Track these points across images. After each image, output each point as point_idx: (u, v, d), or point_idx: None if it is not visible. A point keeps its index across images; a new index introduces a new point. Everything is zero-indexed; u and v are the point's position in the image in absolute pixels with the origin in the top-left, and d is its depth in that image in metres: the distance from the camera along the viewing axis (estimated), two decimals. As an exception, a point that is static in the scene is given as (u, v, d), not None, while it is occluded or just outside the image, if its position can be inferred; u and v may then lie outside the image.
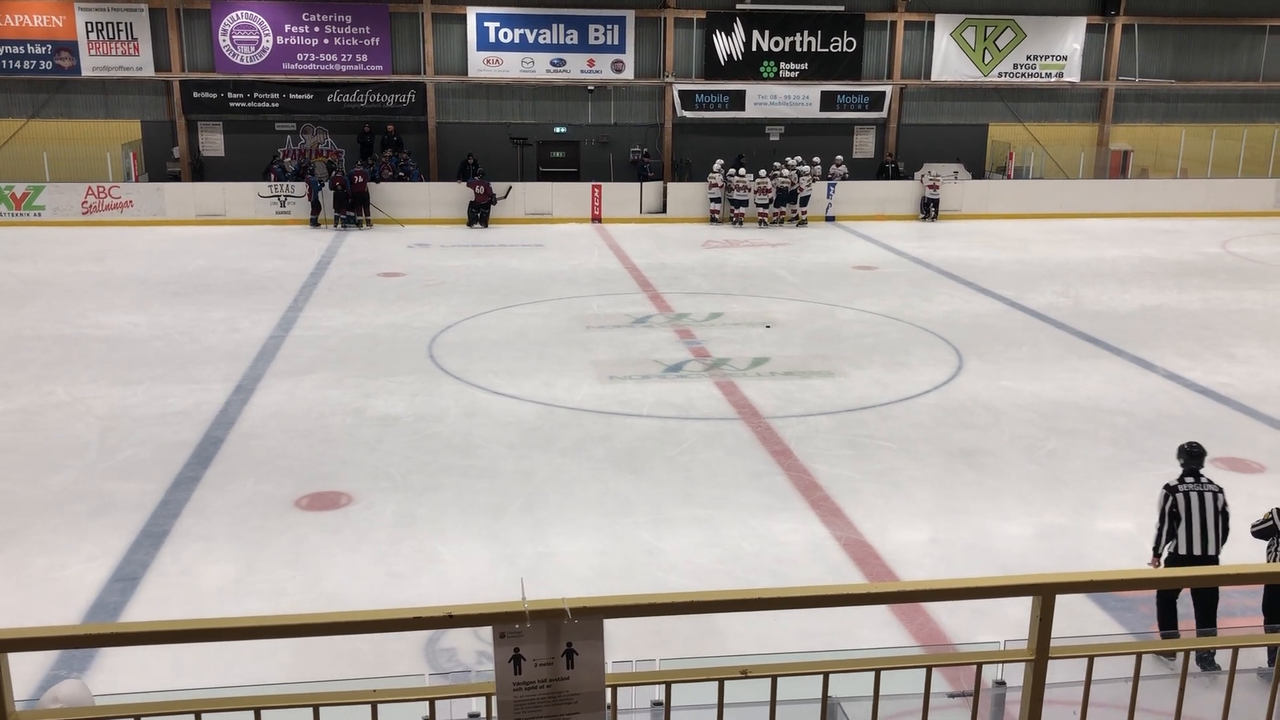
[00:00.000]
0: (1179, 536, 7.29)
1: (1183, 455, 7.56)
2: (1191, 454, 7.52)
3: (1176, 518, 7.31)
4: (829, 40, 29.21)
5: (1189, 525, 7.26)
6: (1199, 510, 7.25)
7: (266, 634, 2.50)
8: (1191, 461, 7.49)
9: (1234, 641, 3.12)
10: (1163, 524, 7.38)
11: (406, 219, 26.09)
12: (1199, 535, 7.24)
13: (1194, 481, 7.39)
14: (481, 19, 27.90)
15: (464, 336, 15.74)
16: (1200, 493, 7.31)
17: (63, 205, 25.32)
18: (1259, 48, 31.29)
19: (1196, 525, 7.25)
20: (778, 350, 15.10)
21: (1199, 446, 7.60)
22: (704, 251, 23.21)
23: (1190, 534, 7.25)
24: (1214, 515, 7.27)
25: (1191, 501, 7.29)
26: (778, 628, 7.37)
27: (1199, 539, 7.23)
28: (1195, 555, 7.24)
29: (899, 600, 3.12)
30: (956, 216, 27.98)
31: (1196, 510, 7.26)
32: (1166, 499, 7.38)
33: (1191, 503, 7.28)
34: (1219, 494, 7.35)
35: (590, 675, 2.51)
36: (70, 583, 8.35)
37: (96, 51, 26.75)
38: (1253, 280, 20.53)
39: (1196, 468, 7.47)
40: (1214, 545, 7.24)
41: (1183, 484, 7.40)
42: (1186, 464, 7.49)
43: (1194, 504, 7.28)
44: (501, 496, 9.98)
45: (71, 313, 16.89)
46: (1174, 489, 7.39)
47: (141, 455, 10.97)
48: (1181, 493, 7.34)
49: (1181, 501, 7.31)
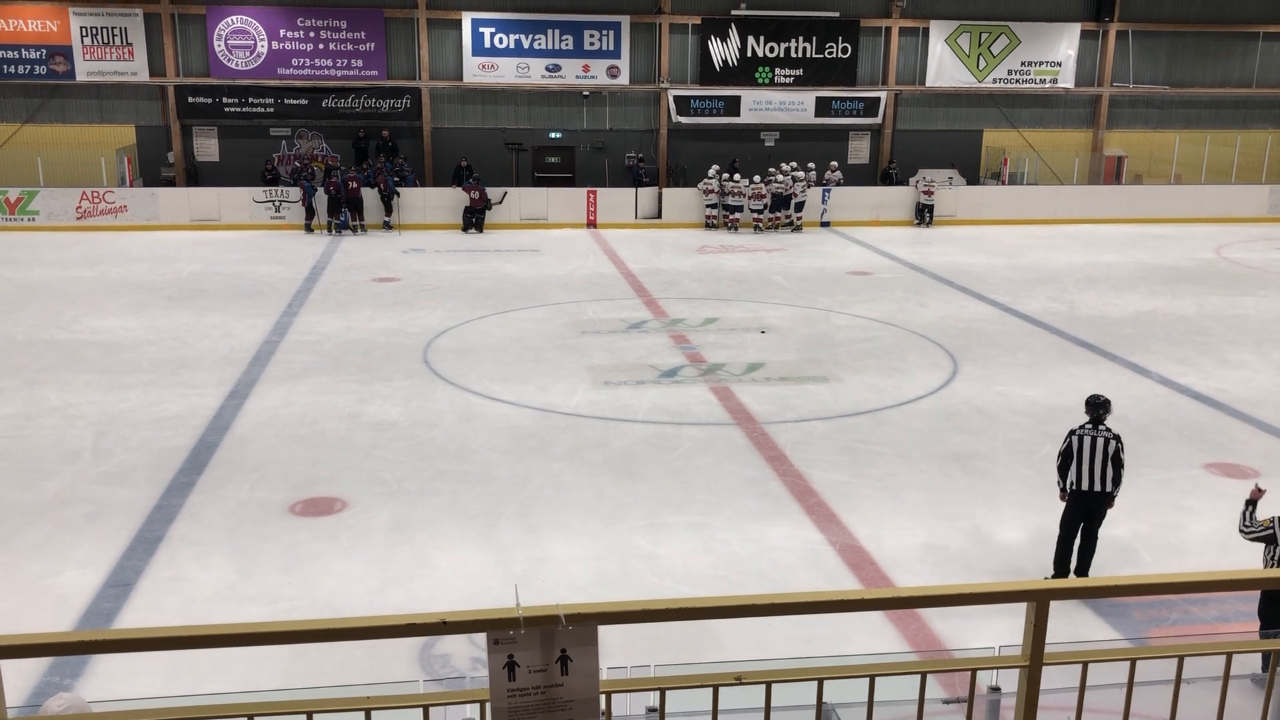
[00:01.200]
0: (1073, 474, 8.35)
1: (1088, 406, 8.54)
2: (1095, 404, 8.50)
3: (1070, 456, 8.39)
4: (824, 46, 29.27)
5: (1079, 464, 8.33)
6: (1090, 451, 8.30)
7: (260, 640, 2.50)
8: (1094, 411, 8.47)
9: (1228, 647, 3.12)
10: (1060, 461, 8.48)
11: (406, 224, 26.11)
12: (1088, 473, 8.31)
13: (1092, 428, 8.40)
14: (477, 24, 27.93)
15: (459, 342, 15.73)
16: (1094, 437, 8.34)
17: (57, 210, 25.30)
18: (1252, 54, 31.40)
19: (1087, 464, 8.30)
20: (773, 355, 15.11)
21: (1102, 398, 8.58)
22: (699, 257, 23.23)
23: (1081, 471, 8.32)
24: (1103, 457, 8.28)
25: (1084, 444, 8.34)
26: (773, 633, 7.37)
27: (1088, 476, 8.31)
28: (1085, 490, 8.31)
29: (893, 606, 3.12)
30: (951, 222, 28.03)
31: (1088, 451, 8.31)
32: (1066, 440, 8.47)
33: (1084, 445, 8.34)
34: (1111, 440, 8.34)
35: (585, 682, 2.50)
36: (63, 589, 8.32)
37: (91, 56, 26.73)
38: (1246, 286, 20.58)
39: (1098, 417, 8.45)
40: (1101, 483, 8.30)
41: (1082, 429, 8.43)
42: (1090, 413, 8.48)
43: (1087, 446, 8.33)
44: (496, 502, 9.97)
45: (65, 318, 16.86)
46: (1074, 432, 8.47)
47: (135, 461, 10.95)
48: (1078, 435, 8.40)
49: (1076, 443, 8.38)
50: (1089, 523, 8.47)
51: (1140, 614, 8.01)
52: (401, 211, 26.20)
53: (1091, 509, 8.42)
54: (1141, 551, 9.23)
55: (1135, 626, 7.84)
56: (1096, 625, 7.76)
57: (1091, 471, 8.30)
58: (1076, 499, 8.39)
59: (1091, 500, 8.37)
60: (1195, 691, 3.28)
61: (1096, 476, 8.30)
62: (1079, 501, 8.38)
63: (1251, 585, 3.36)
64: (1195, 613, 8.07)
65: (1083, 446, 8.34)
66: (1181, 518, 9.92)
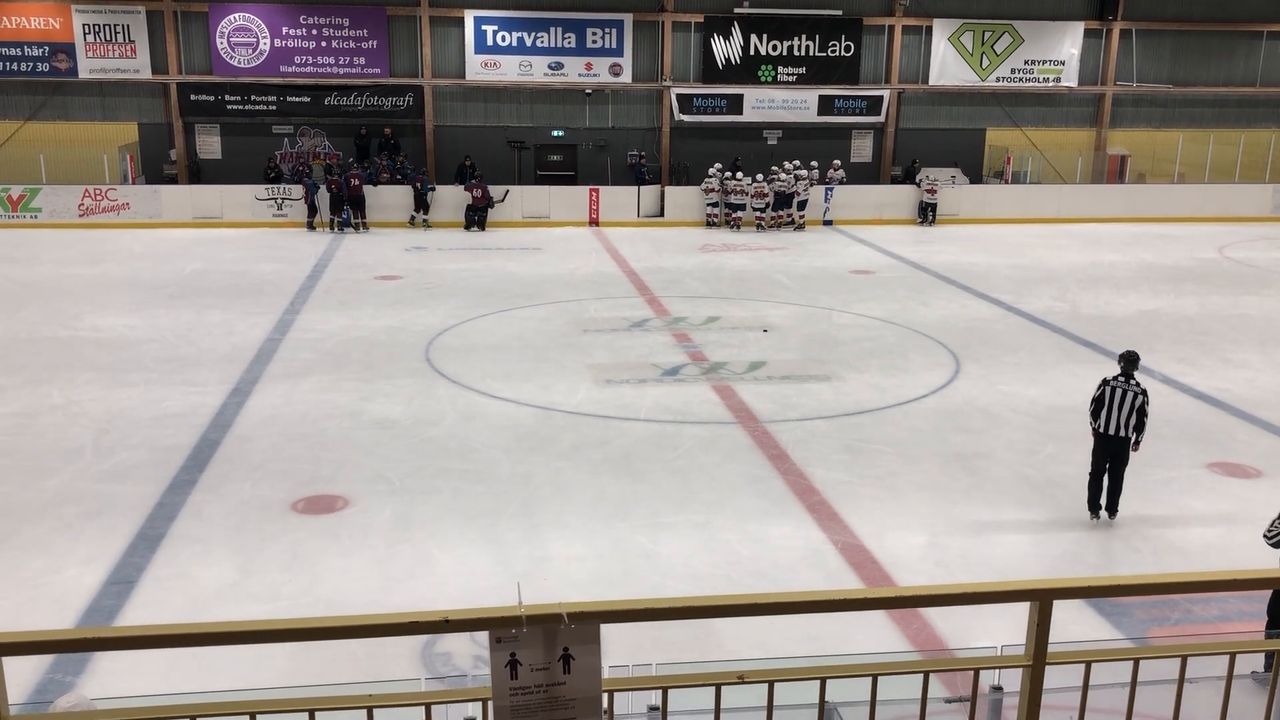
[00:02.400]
0: (1101, 418, 9.41)
1: (1121, 360, 9.60)
2: (1128, 359, 9.54)
3: (1101, 402, 9.44)
4: (827, 44, 29.24)
5: (1109, 410, 9.38)
6: (1118, 401, 9.33)
7: (262, 638, 2.50)
8: (1126, 365, 9.49)
9: (1231, 647, 3.11)
10: (1093, 406, 9.52)
11: (406, 222, 26.14)
12: (1112, 420, 9.37)
13: (1124, 380, 9.42)
14: (479, 22, 27.92)
15: (461, 340, 15.73)
16: (1124, 389, 9.37)
17: (59, 207, 25.31)
18: (1256, 53, 31.36)
19: (1114, 412, 9.34)
20: (775, 354, 15.10)
21: (1134, 354, 9.60)
22: (701, 255, 23.22)
23: (1108, 418, 9.39)
24: (1129, 408, 9.33)
25: (1115, 393, 9.37)
26: (775, 632, 7.36)
27: (1113, 422, 9.36)
28: (1111, 434, 9.39)
29: (895, 605, 3.12)
30: (954, 221, 28.01)
31: (1117, 401, 9.34)
32: (1100, 388, 9.51)
33: (1114, 395, 9.37)
34: (1139, 395, 9.35)
35: (587, 680, 2.50)
36: (65, 586, 8.33)
37: (94, 54, 26.75)
38: (1249, 285, 20.56)
39: (1129, 370, 9.45)
40: (1124, 428, 9.35)
41: (1115, 380, 9.47)
42: (1124, 367, 9.49)
43: (1115, 396, 9.36)
44: (498, 500, 9.97)
45: (67, 315, 16.87)
46: (1106, 381, 9.52)
47: (137, 458, 10.95)
48: (1110, 386, 9.44)
49: (1108, 393, 9.42)
50: (1114, 464, 9.47)
51: (1143, 613, 8.00)
52: (404, 210, 26.21)
53: (1116, 451, 9.44)
54: (1144, 551, 9.22)
55: (1138, 626, 7.83)
56: (1099, 625, 7.75)
57: (1118, 418, 9.34)
58: (1103, 441, 9.46)
59: (1116, 443, 9.41)
60: (1198, 691, 3.28)
61: (1121, 422, 9.34)
62: (1105, 443, 9.46)
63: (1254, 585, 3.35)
64: (1197, 612, 8.06)
65: (1113, 395, 9.37)
66: (1184, 517, 9.91)
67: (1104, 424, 9.41)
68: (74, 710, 4.00)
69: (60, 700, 4.09)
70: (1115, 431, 9.38)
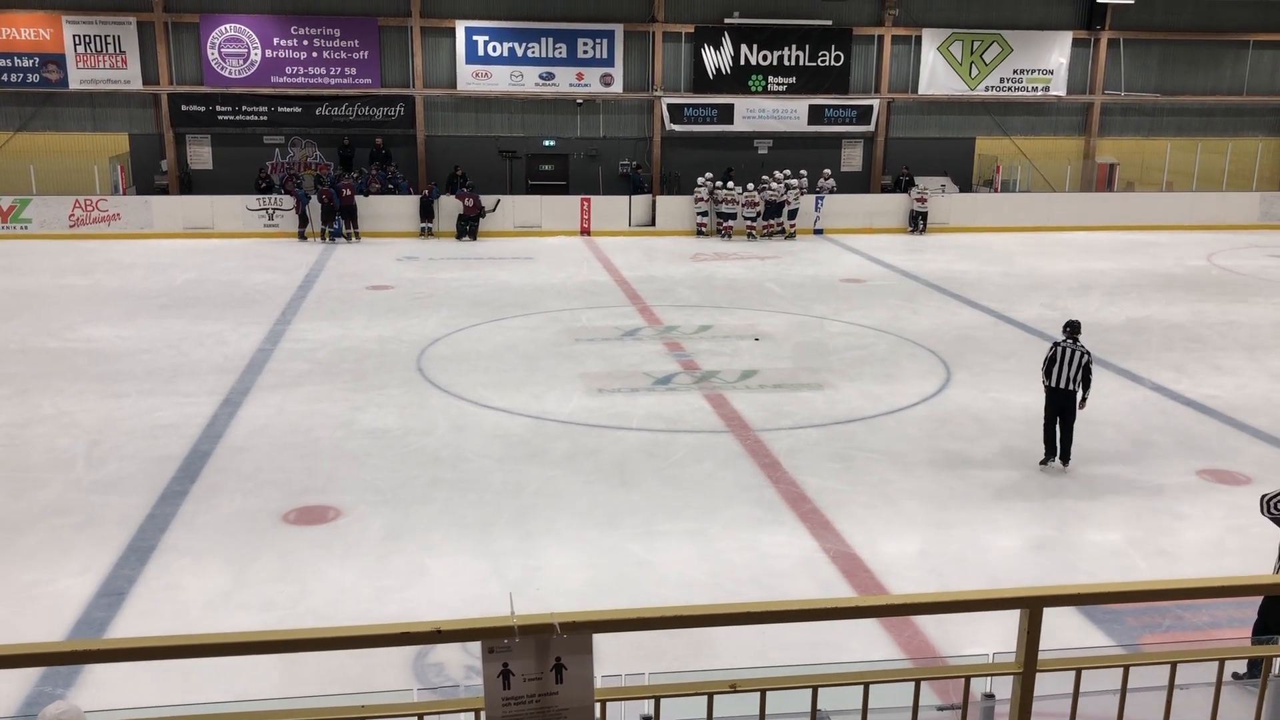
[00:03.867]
0: (1053, 375, 11.01)
1: (1067, 327, 11.24)
2: (1073, 326, 11.24)
3: (1052, 361, 11.05)
4: (817, 54, 29.34)
5: (1058, 367, 10.97)
6: (1067, 360, 10.94)
7: (253, 650, 2.50)
8: (1073, 331, 11.17)
9: (1220, 654, 3.13)
10: (1045, 366, 11.13)
11: (400, 231, 26.13)
12: (1062, 375, 10.95)
13: (1071, 342, 11.03)
14: (470, 32, 27.96)
15: (453, 349, 15.72)
16: (1071, 349, 10.96)
17: (50, 218, 25.26)
18: (1243, 62, 31.54)
19: (1064, 369, 10.95)
20: (767, 363, 15.12)
21: (1077, 321, 11.36)
22: (693, 264, 23.26)
23: (1058, 374, 10.97)
24: (1076, 365, 10.92)
25: (1064, 353, 10.97)
26: (768, 640, 7.36)
27: (1062, 378, 10.96)
28: (1060, 388, 10.98)
29: (887, 614, 3.13)
30: (944, 229, 28.10)
31: (1065, 359, 10.95)
32: (1050, 349, 11.15)
33: (1064, 354, 10.97)
34: (1085, 354, 10.97)
35: (579, 690, 2.50)
36: (56, 598, 8.30)
37: (84, 64, 26.72)
38: (1238, 293, 20.65)
39: (1075, 335, 11.12)
40: (1070, 383, 10.95)
41: (1063, 342, 11.08)
42: (1069, 333, 11.16)
43: (1065, 355, 10.96)
44: (491, 510, 9.96)
45: (58, 326, 16.83)
46: (1056, 344, 11.13)
47: (128, 469, 10.93)
48: (1060, 347, 11.04)
49: (1059, 353, 11.01)
50: (1064, 418, 11.05)
51: (1134, 620, 8.02)
52: (396, 220, 26.22)
53: (1063, 405, 11.02)
54: (1135, 557, 9.25)
55: (1129, 633, 7.85)
56: (1092, 631, 7.76)
57: (1065, 374, 10.95)
58: (1053, 395, 11.06)
59: (1064, 397, 11.00)
60: (1189, 698, 3.29)
61: (1070, 377, 10.96)
62: (1055, 397, 11.05)
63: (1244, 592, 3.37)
64: (1188, 619, 8.09)
65: (1063, 355, 10.97)
66: (1175, 524, 9.94)
67: (1055, 380, 10.98)
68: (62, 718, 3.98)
69: (49, 709, 4.06)
70: (1065, 386, 10.94)
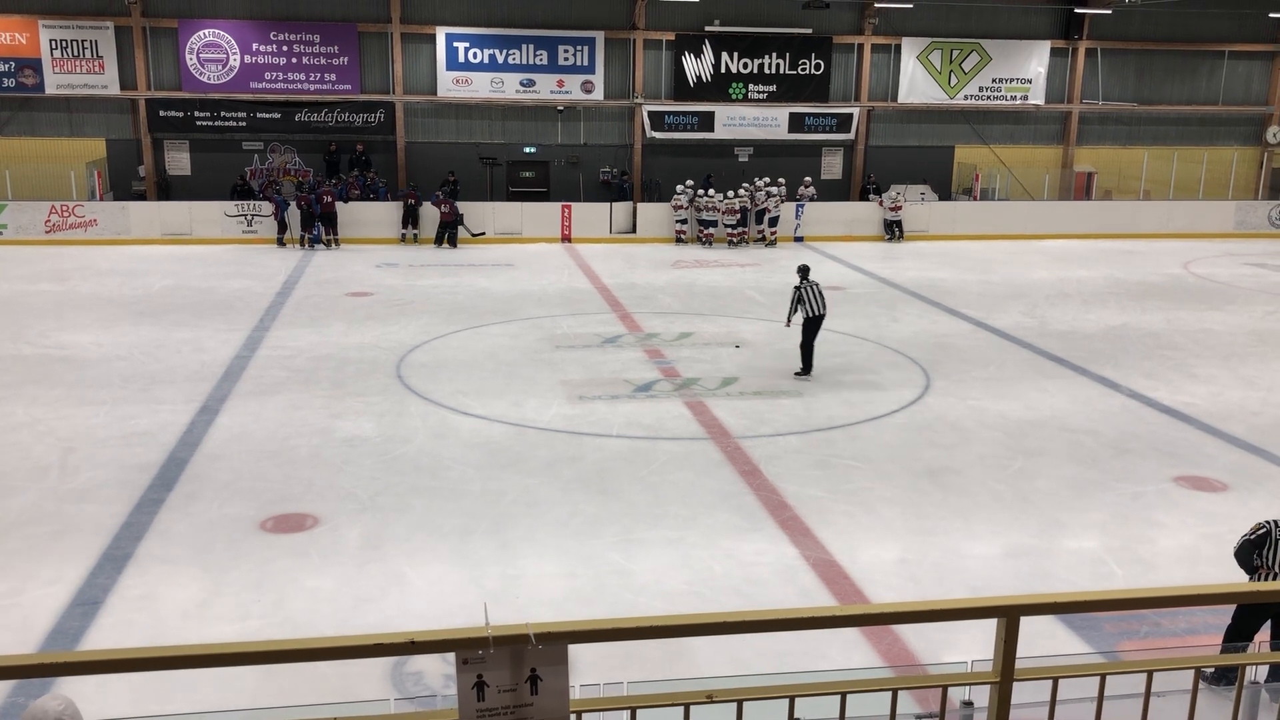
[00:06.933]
0: (806, 308, 14.36)
1: (800, 272, 14.74)
2: (803, 269, 14.81)
3: (802, 300, 14.36)
4: (797, 62, 29.46)
5: (809, 302, 14.37)
6: (813, 293, 14.40)
7: (229, 661, 2.48)
8: (803, 272, 14.72)
9: (1196, 661, 3.15)
10: (792, 305, 14.48)
11: (379, 238, 26.05)
12: (815, 305, 14.35)
13: (808, 282, 14.50)
14: (451, 39, 27.94)
15: (433, 356, 15.68)
16: (812, 285, 14.48)
17: (25, 224, 25.06)
18: (1218, 72, 31.86)
19: (812, 301, 14.36)
20: (747, 370, 15.14)
21: (806, 266, 14.90)
22: (673, 271, 23.28)
23: (810, 306, 14.33)
24: (819, 296, 14.40)
25: (811, 291, 14.42)
26: (748, 648, 7.36)
27: (813, 307, 14.37)
28: (815, 315, 14.45)
29: (865, 623, 3.13)
30: (923, 237, 28.24)
31: (812, 295, 14.38)
32: (795, 292, 14.48)
33: (811, 291, 14.41)
34: (817, 285, 14.55)
35: (554, 701, 2.49)
36: (28, 608, 8.21)
37: (61, 69, 26.54)
38: (1213, 301, 20.83)
39: (805, 274, 14.66)
40: (821, 310, 14.45)
41: (803, 284, 14.47)
42: (801, 274, 14.68)
43: (808, 293, 14.39)
44: (469, 518, 9.92)
45: (33, 332, 16.68)
46: (798, 286, 14.48)
47: (104, 477, 10.83)
48: (803, 287, 14.44)
49: (806, 291, 14.41)
50: (811, 337, 14.61)
51: (1111, 627, 8.06)
52: (376, 227, 26.16)
53: (815, 327, 14.52)
54: (1112, 565, 9.30)
55: (1106, 639, 7.89)
56: (1069, 639, 7.80)
57: (816, 303, 14.38)
58: (810, 322, 14.51)
59: (816, 321, 14.49)
60: (1164, 705, 3.31)
61: (817, 306, 14.39)
62: (811, 323, 14.51)
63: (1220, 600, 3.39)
64: (1165, 625, 8.13)
65: (808, 293, 14.37)
66: (1151, 531, 10.00)
67: (811, 310, 14.36)
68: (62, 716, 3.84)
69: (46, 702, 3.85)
70: (818, 313, 14.44)
